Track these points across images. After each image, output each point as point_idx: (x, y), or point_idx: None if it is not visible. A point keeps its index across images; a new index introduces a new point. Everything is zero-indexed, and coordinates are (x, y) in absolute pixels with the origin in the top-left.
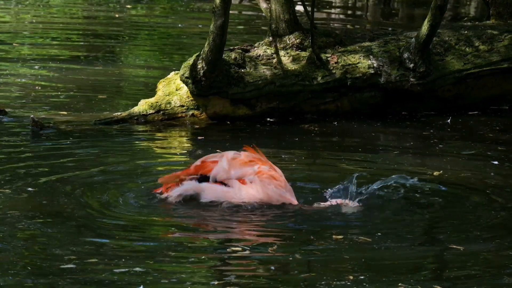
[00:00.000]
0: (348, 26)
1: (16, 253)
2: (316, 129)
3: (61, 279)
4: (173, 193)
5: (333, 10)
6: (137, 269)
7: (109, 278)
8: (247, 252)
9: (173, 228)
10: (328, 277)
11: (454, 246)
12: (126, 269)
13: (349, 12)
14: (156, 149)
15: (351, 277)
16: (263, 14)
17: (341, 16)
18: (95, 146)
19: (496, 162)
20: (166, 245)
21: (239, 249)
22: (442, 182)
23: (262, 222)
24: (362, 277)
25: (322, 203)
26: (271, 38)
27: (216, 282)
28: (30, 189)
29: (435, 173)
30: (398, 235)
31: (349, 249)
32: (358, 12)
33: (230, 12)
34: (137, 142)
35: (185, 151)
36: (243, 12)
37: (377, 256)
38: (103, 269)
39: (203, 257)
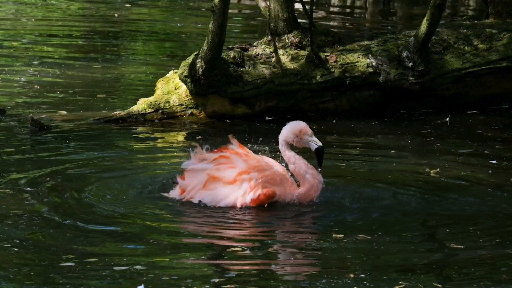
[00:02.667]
0: (347, 25)
1: (16, 252)
2: (314, 128)
3: (61, 278)
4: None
5: (332, 9)
6: (138, 267)
7: (110, 276)
8: (247, 250)
9: (173, 226)
10: (329, 276)
11: (455, 245)
12: (127, 267)
13: (348, 11)
14: (155, 148)
15: (351, 276)
16: (262, 13)
17: (340, 15)
18: (94, 145)
19: (494, 161)
20: (167, 243)
21: (239, 248)
22: (440, 181)
23: (261, 221)
24: (362, 275)
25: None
26: (270, 37)
27: (216, 280)
28: (29, 188)
29: (433, 172)
30: (398, 234)
31: (350, 248)
32: (357, 11)
33: (229, 11)
34: (136, 141)
35: (184, 150)
36: (242, 11)
37: (377, 255)
38: (103, 268)
39: (203, 255)
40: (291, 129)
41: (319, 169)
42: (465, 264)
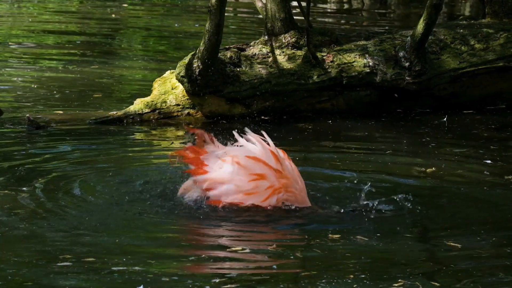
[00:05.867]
0: (344, 25)
1: (14, 253)
2: (310, 128)
3: (60, 279)
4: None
5: (329, 9)
6: (137, 267)
7: (109, 277)
8: (247, 251)
9: (172, 226)
10: (328, 276)
11: (452, 244)
12: (125, 267)
13: (345, 10)
14: (152, 148)
15: (351, 276)
16: (259, 13)
17: (337, 15)
18: (90, 145)
19: (489, 161)
20: (166, 243)
21: (239, 248)
22: (436, 181)
23: (261, 222)
24: (362, 276)
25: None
26: (266, 37)
27: (217, 280)
28: (25, 188)
29: (429, 171)
30: (396, 233)
31: (348, 247)
32: (354, 11)
33: (226, 11)
34: (132, 141)
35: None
36: (239, 11)
37: (376, 254)
38: (102, 268)
39: (204, 255)
40: None
41: None
42: (462, 263)
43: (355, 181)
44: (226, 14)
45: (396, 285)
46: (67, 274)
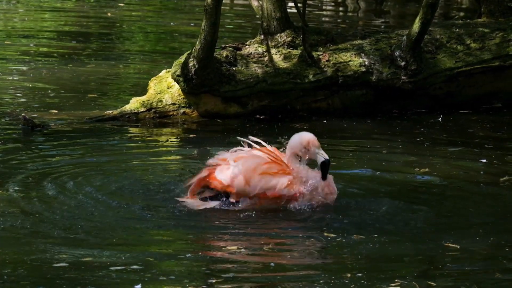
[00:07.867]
0: (340, 24)
1: (10, 253)
2: (306, 127)
3: (57, 278)
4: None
5: (324, 8)
6: (135, 267)
7: (107, 276)
8: (244, 250)
9: (169, 226)
10: (326, 275)
11: (449, 244)
12: (123, 267)
13: (341, 10)
14: (147, 147)
15: (348, 275)
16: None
17: (333, 14)
18: (86, 144)
19: (484, 160)
20: (163, 243)
21: (236, 248)
22: (432, 180)
23: (256, 221)
24: (359, 275)
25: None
26: (262, 36)
27: (214, 280)
28: (21, 188)
29: (424, 171)
30: (392, 234)
31: (345, 247)
32: (350, 10)
33: (221, 9)
34: (128, 140)
35: (177, 149)
36: (235, 10)
37: (372, 254)
38: (99, 268)
39: (201, 254)
40: (299, 140)
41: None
42: (459, 263)
43: (351, 180)
44: (221, 13)
45: (393, 285)
46: (65, 274)
